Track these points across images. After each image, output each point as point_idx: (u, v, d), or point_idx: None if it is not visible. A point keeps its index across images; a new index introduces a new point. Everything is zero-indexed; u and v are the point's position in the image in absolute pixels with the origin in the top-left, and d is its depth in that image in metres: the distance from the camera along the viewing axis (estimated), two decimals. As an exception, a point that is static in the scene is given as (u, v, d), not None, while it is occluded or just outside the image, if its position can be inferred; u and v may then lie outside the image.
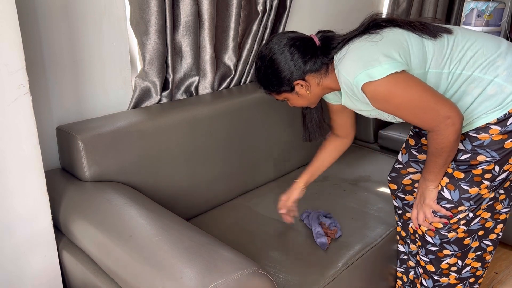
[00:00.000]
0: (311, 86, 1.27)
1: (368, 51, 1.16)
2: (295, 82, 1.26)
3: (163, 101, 1.66)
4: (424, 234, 1.40)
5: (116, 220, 1.17)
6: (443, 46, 1.21)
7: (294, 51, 1.23)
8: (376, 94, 1.15)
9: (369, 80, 1.12)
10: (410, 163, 1.51)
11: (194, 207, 1.67)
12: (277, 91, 1.30)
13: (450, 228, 1.34)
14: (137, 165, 1.46)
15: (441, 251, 1.39)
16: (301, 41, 1.25)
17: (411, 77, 1.15)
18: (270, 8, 1.86)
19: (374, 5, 2.74)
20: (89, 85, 1.49)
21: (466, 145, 1.25)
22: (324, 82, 1.27)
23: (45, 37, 1.34)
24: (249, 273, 0.97)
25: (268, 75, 1.27)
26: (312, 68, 1.24)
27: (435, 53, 1.20)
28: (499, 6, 4.69)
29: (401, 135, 2.33)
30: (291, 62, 1.23)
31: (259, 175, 1.91)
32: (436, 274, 1.45)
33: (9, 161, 1.07)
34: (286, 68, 1.24)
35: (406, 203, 1.55)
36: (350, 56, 1.18)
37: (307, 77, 1.26)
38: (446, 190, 1.30)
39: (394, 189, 1.57)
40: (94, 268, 1.20)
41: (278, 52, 1.24)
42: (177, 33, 1.61)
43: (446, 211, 1.31)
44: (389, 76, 1.11)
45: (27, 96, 1.06)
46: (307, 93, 1.28)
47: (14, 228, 1.13)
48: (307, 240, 1.53)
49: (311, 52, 1.24)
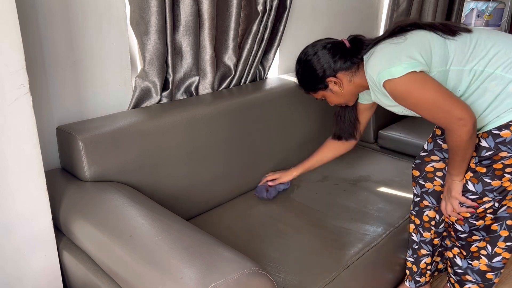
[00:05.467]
0: (343, 83, 1.42)
1: (392, 51, 1.29)
2: (327, 79, 1.42)
3: (163, 101, 1.66)
4: (454, 223, 1.51)
5: (116, 220, 1.18)
6: (465, 44, 1.30)
7: (325, 52, 1.40)
8: (395, 91, 1.27)
9: (389, 77, 1.24)
10: (434, 151, 1.58)
11: (194, 207, 1.67)
12: (314, 89, 1.48)
13: (478, 217, 1.44)
14: (137, 165, 1.46)
15: (471, 237, 1.50)
16: (332, 43, 1.42)
17: (429, 78, 1.25)
18: (270, 8, 1.86)
19: (374, 5, 2.74)
20: (89, 85, 1.49)
21: (489, 142, 1.31)
22: (355, 80, 1.42)
23: (45, 37, 1.34)
24: (249, 273, 0.97)
25: (305, 76, 1.47)
26: (342, 66, 1.40)
27: (457, 52, 1.29)
28: (499, 6, 4.69)
29: (401, 135, 2.33)
30: (323, 61, 1.40)
31: (259, 175, 1.91)
32: (468, 258, 1.55)
33: (9, 161, 1.07)
34: (319, 67, 1.41)
35: (425, 191, 1.61)
36: (376, 55, 1.31)
37: (339, 74, 1.41)
38: (470, 183, 1.38)
39: (416, 175, 1.63)
40: (94, 268, 1.20)
41: (312, 54, 1.42)
42: (177, 33, 1.61)
43: (471, 202, 1.39)
44: (407, 75, 1.22)
45: (27, 96, 1.06)
46: (340, 90, 1.44)
47: (14, 228, 1.14)
48: (307, 240, 1.53)
49: (341, 52, 1.40)
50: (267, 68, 2.05)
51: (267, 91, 1.91)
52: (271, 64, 2.06)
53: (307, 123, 2.10)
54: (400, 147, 2.34)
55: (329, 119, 2.22)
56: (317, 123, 2.16)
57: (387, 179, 2.00)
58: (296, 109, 2.02)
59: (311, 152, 2.16)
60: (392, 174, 2.05)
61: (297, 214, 1.69)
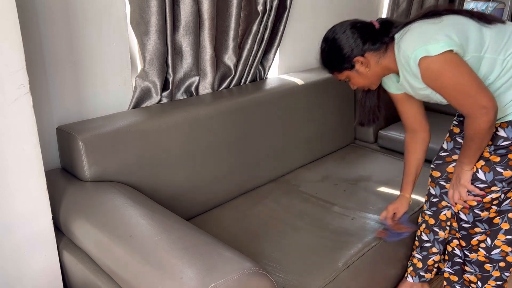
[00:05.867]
0: (370, 64, 1.38)
1: (429, 29, 1.28)
2: (355, 58, 1.37)
3: (163, 101, 1.66)
4: (459, 212, 1.51)
5: (116, 220, 1.18)
6: (500, 33, 1.31)
7: (355, 31, 1.36)
8: (428, 70, 1.26)
9: (425, 54, 1.23)
10: (455, 150, 1.58)
11: (194, 207, 1.67)
12: (339, 69, 1.42)
13: (483, 207, 1.44)
14: (137, 165, 1.46)
15: (473, 229, 1.50)
16: (361, 23, 1.39)
17: (462, 62, 1.25)
18: (270, 8, 1.86)
19: (374, 5, 2.75)
20: (89, 85, 1.49)
21: (508, 132, 1.34)
22: (383, 61, 1.39)
23: (45, 37, 1.34)
24: (249, 273, 0.97)
25: (331, 54, 1.41)
26: (371, 47, 1.36)
27: (492, 39, 1.29)
28: (499, 6, 4.69)
29: (401, 135, 2.33)
30: (351, 40, 1.36)
31: (259, 175, 1.91)
32: (466, 249, 1.56)
33: (10, 161, 1.07)
34: (347, 45, 1.36)
35: (445, 192, 1.60)
36: (412, 33, 1.29)
37: (366, 54, 1.37)
38: (481, 171, 1.39)
39: (436, 176, 1.62)
40: (94, 268, 1.20)
41: (340, 32, 1.37)
42: (177, 33, 1.61)
43: (479, 191, 1.41)
44: (443, 55, 1.22)
45: (27, 96, 1.06)
46: (366, 71, 1.40)
47: (14, 228, 1.14)
48: (307, 240, 1.53)
49: (370, 32, 1.37)
50: (267, 68, 2.05)
51: (267, 91, 1.91)
52: (271, 64, 2.06)
53: (307, 123, 2.10)
54: (400, 147, 2.33)
55: (329, 119, 2.23)
56: (317, 123, 2.16)
57: (387, 179, 2.00)
58: (296, 109, 2.02)
59: (311, 152, 2.16)
60: (392, 174, 2.05)
61: (297, 214, 1.69)
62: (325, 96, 2.17)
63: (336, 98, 2.23)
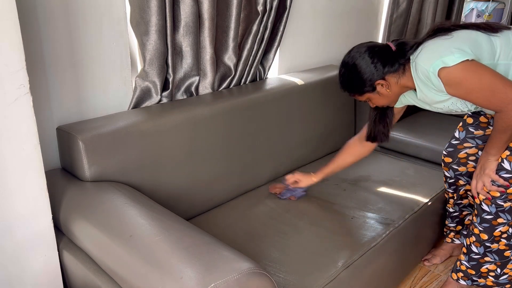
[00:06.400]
0: (391, 85, 1.45)
1: (442, 45, 1.35)
2: (376, 82, 1.44)
3: (163, 101, 1.66)
4: (481, 202, 1.54)
5: (116, 220, 1.18)
6: (508, 39, 1.39)
7: (374, 55, 1.42)
8: (450, 79, 1.32)
9: (443, 65, 1.30)
10: (466, 139, 1.71)
11: (194, 207, 1.67)
12: (360, 92, 1.49)
13: (506, 198, 1.48)
14: (137, 165, 1.46)
15: (496, 220, 1.53)
16: (379, 47, 1.45)
17: (481, 64, 1.32)
18: (270, 8, 1.86)
19: (374, 5, 2.75)
20: (89, 85, 1.49)
21: None
22: (401, 81, 1.46)
23: (45, 37, 1.34)
24: (249, 273, 0.97)
25: (352, 79, 1.47)
26: (390, 69, 1.43)
27: (502, 47, 1.37)
28: (499, 6, 4.69)
29: (401, 135, 2.33)
30: (371, 65, 1.42)
31: (259, 175, 1.91)
32: (488, 241, 1.59)
33: (9, 161, 1.07)
34: (368, 70, 1.42)
35: (459, 173, 1.78)
36: (426, 50, 1.37)
37: (387, 77, 1.44)
38: (506, 161, 1.45)
39: (448, 162, 1.78)
40: (95, 268, 1.20)
41: (360, 58, 1.43)
42: (177, 33, 1.61)
43: (503, 181, 1.45)
44: (461, 64, 1.29)
45: (27, 96, 1.06)
46: (387, 92, 1.46)
47: (14, 228, 1.14)
48: (307, 240, 1.53)
49: (388, 55, 1.43)
50: (267, 68, 2.05)
51: (267, 91, 1.91)
52: (271, 64, 2.06)
53: (307, 123, 2.10)
54: (400, 147, 2.34)
55: (329, 119, 2.23)
56: (317, 123, 2.16)
57: (387, 179, 2.00)
58: (296, 109, 2.02)
59: (311, 152, 2.16)
60: (392, 174, 2.05)
61: (297, 214, 1.69)
62: (325, 96, 2.17)
63: (336, 98, 2.23)
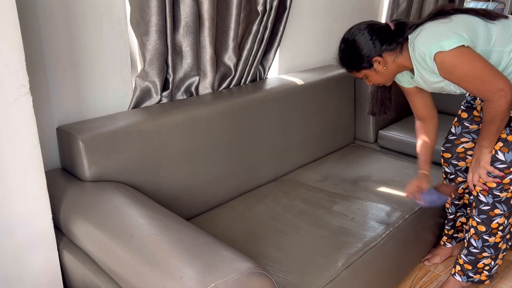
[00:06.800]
0: (387, 63, 1.49)
1: (440, 28, 1.40)
2: (373, 58, 1.47)
3: (163, 101, 1.66)
4: (478, 194, 1.59)
5: (116, 219, 1.18)
6: (505, 27, 1.44)
7: (373, 33, 1.46)
8: (444, 64, 1.38)
9: (439, 50, 1.36)
10: (463, 134, 1.76)
11: (194, 207, 1.67)
12: (357, 68, 1.52)
13: (503, 188, 1.52)
14: (137, 165, 1.46)
15: (493, 210, 1.58)
16: (378, 25, 1.49)
17: (475, 53, 1.37)
18: (270, 8, 1.86)
19: (374, 5, 2.75)
20: (89, 85, 1.49)
21: None
22: (398, 60, 1.49)
23: (45, 37, 1.34)
24: (249, 273, 0.97)
25: (350, 54, 1.50)
26: (388, 47, 1.46)
27: (498, 34, 1.42)
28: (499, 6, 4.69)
29: (401, 135, 2.33)
30: (370, 41, 1.45)
31: (259, 175, 1.91)
32: (486, 234, 1.63)
33: (10, 161, 1.08)
34: (366, 46, 1.46)
35: (459, 169, 1.82)
36: (425, 33, 1.41)
37: (384, 54, 1.47)
38: (500, 152, 1.49)
39: (447, 157, 1.83)
40: (95, 268, 1.20)
41: (359, 34, 1.47)
42: (177, 33, 1.61)
43: (498, 172, 1.50)
44: (456, 49, 1.35)
45: (27, 96, 1.06)
46: (383, 69, 1.50)
47: (14, 228, 1.14)
48: (307, 240, 1.53)
49: (387, 34, 1.47)
50: (267, 68, 2.05)
51: (267, 91, 1.91)
52: (271, 64, 2.06)
53: (307, 123, 2.10)
54: (400, 147, 2.34)
55: (329, 119, 2.23)
56: (317, 123, 2.16)
57: (387, 179, 2.00)
58: (296, 109, 2.02)
59: (311, 152, 2.16)
60: (392, 174, 2.05)
61: (297, 214, 1.69)
62: (325, 96, 2.17)
63: (336, 98, 2.24)
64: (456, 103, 1.80)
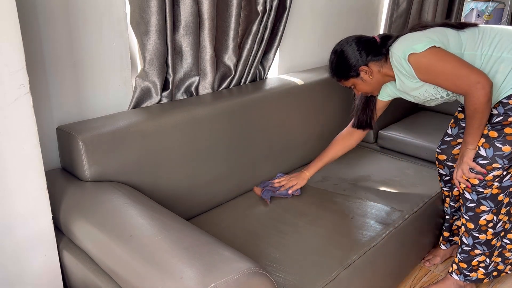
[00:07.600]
0: (373, 72, 1.61)
1: (414, 35, 1.52)
2: (360, 68, 1.60)
3: (163, 101, 1.66)
4: (464, 191, 1.63)
5: (116, 219, 1.18)
6: (474, 34, 1.53)
7: (360, 44, 1.60)
8: (419, 65, 1.48)
9: (413, 51, 1.46)
10: (459, 135, 1.79)
11: (194, 207, 1.67)
12: (346, 76, 1.65)
13: (486, 185, 1.56)
14: (137, 165, 1.46)
15: (479, 207, 1.61)
16: (365, 38, 1.62)
17: (447, 52, 1.47)
18: (270, 8, 1.86)
19: (374, 5, 2.74)
20: (89, 85, 1.49)
21: (499, 109, 1.51)
22: (383, 70, 1.61)
23: (45, 37, 1.34)
24: (249, 273, 0.98)
25: (339, 64, 1.64)
26: (373, 58, 1.59)
27: (468, 39, 1.52)
28: (499, 6, 4.70)
29: (401, 135, 2.33)
30: (357, 51, 1.59)
31: (259, 175, 1.91)
32: (475, 231, 1.65)
33: (10, 161, 1.08)
34: (353, 56, 1.59)
35: (454, 170, 1.76)
36: (400, 40, 1.54)
37: (370, 64, 1.60)
38: (482, 148, 1.54)
39: (443, 159, 1.84)
40: (95, 268, 1.20)
41: (347, 46, 1.61)
42: (177, 33, 1.61)
43: (480, 168, 1.54)
44: (429, 49, 1.45)
45: (27, 96, 1.06)
46: (370, 78, 1.62)
47: (14, 228, 1.14)
48: (307, 240, 1.53)
49: (373, 45, 1.60)
50: (267, 68, 2.05)
51: (267, 91, 1.91)
52: (271, 64, 2.06)
53: (307, 123, 2.10)
54: (400, 147, 2.34)
55: (329, 119, 2.23)
56: (317, 123, 2.16)
57: (387, 179, 2.00)
58: (296, 109, 2.02)
59: (310, 151, 2.16)
60: (392, 174, 2.05)
61: (297, 214, 1.69)
62: (325, 96, 2.17)
63: (336, 98, 2.24)
64: (455, 104, 1.80)
